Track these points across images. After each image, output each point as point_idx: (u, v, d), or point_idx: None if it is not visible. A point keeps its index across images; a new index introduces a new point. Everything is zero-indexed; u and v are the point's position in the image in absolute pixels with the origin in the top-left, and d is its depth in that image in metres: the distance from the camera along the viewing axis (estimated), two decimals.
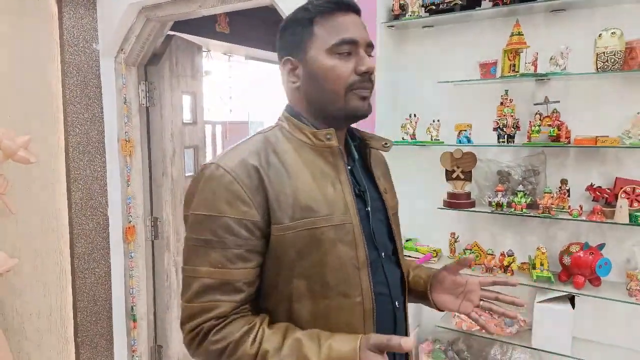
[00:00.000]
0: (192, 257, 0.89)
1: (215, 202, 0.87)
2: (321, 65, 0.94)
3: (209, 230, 0.87)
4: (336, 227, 0.90)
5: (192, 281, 0.88)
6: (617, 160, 1.69)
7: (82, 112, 2.60)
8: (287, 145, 0.95)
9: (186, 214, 0.93)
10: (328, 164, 0.95)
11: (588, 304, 1.71)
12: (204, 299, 0.86)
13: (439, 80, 1.89)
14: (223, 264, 0.86)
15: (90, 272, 2.68)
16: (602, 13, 1.66)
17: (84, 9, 2.56)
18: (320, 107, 0.97)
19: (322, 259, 0.89)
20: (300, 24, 0.96)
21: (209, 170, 0.90)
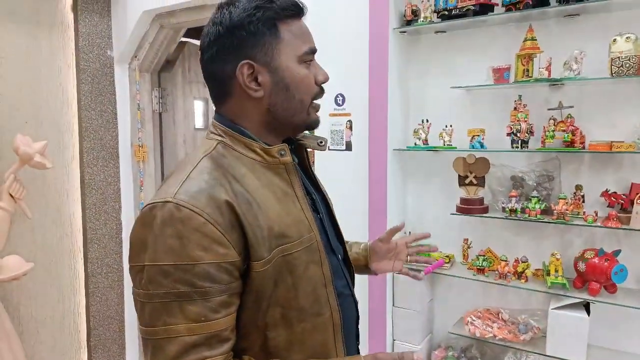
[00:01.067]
0: (161, 316, 0.74)
1: (185, 249, 0.73)
2: (294, 75, 0.86)
3: (182, 282, 0.73)
4: (306, 248, 0.86)
5: (168, 343, 0.73)
6: (632, 166, 1.67)
7: (97, 118, 2.63)
8: (240, 167, 0.83)
9: (137, 264, 0.77)
10: (284, 181, 0.88)
11: (604, 311, 1.69)
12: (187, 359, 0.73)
13: (451, 85, 1.89)
14: (207, 316, 0.74)
15: (103, 276, 2.70)
16: (616, 18, 1.65)
17: (98, 17, 2.60)
18: (284, 118, 0.88)
19: (295, 284, 0.84)
20: (262, 24, 0.83)
21: (166, 212, 0.75)
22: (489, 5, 1.77)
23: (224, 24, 0.84)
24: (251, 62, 0.83)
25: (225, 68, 0.85)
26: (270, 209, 0.82)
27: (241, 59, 0.83)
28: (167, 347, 0.74)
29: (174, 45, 2.81)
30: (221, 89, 0.88)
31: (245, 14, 0.83)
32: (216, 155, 0.84)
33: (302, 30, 0.88)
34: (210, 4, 2.38)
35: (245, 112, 0.87)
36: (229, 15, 0.83)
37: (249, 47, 0.83)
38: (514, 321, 1.84)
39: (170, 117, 2.90)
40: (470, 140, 1.84)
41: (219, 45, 0.84)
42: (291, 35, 0.85)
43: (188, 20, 2.52)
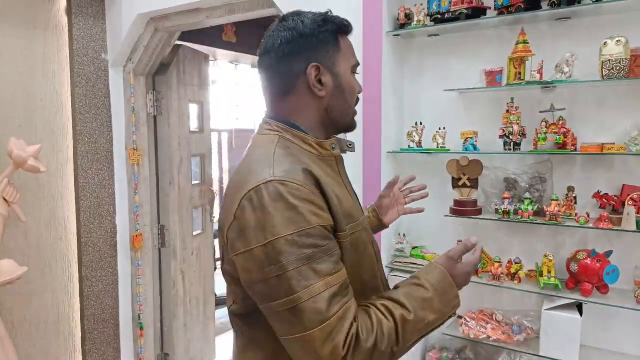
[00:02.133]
0: (300, 282, 0.81)
1: (300, 215, 0.82)
2: (348, 81, 1.00)
3: (308, 245, 0.82)
4: (364, 228, 1.00)
5: (314, 302, 0.80)
6: (624, 167, 1.68)
7: (91, 122, 2.63)
8: (304, 156, 0.94)
9: (257, 245, 0.83)
10: (334, 171, 1.00)
11: (596, 312, 1.71)
12: (335, 309, 0.81)
13: (444, 88, 1.90)
14: (335, 268, 0.85)
15: (97, 279, 2.69)
16: (607, 21, 1.67)
17: (93, 20, 2.60)
18: (337, 118, 1.01)
19: (359, 260, 0.96)
20: (329, 33, 0.97)
21: (271, 189, 0.84)
22: (482, 8, 1.79)
23: (297, 30, 0.96)
24: (319, 64, 0.96)
25: (294, 67, 0.96)
26: (335, 190, 0.94)
27: (310, 61, 0.95)
28: (315, 307, 0.81)
29: (169, 48, 2.81)
30: (285, 86, 0.98)
31: (315, 24, 0.97)
32: (282, 145, 0.94)
33: (351, 46, 1.03)
34: (204, 7, 2.39)
35: (304, 108, 0.98)
36: (301, 23, 0.97)
37: (317, 52, 0.96)
38: (508, 322, 1.85)
39: (165, 120, 2.90)
40: (463, 142, 1.85)
41: (291, 47, 0.96)
42: (346, 47, 1.01)
43: (182, 24, 2.52)
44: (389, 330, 0.85)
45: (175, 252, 3.00)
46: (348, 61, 1.00)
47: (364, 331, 0.83)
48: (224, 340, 3.69)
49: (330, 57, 0.97)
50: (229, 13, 2.35)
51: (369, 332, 0.83)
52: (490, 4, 1.78)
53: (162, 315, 3.02)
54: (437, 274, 0.94)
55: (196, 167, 3.26)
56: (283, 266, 0.81)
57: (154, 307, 2.96)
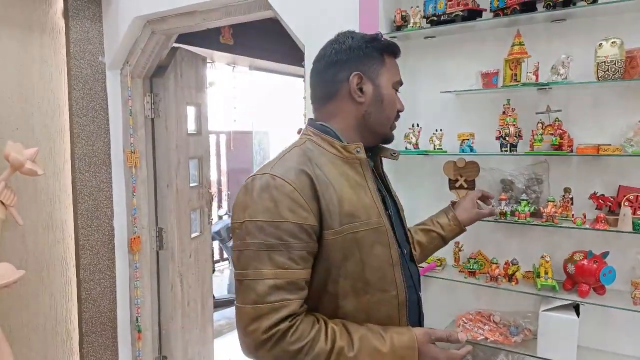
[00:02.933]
0: (253, 261, 0.93)
1: (277, 209, 0.94)
2: (389, 94, 1.12)
3: (272, 235, 0.93)
4: (373, 230, 1.04)
5: (256, 284, 0.92)
6: (620, 168, 1.69)
7: (88, 124, 2.63)
8: (322, 158, 1.05)
9: (238, 222, 0.98)
10: (358, 174, 1.07)
11: (593, 313, 1.71)
12: (272, 299, 0.91)
13: (441, 90, 1.90)
14: (289, 265, 0.93)
15: (95, 283, 2.69)
16: (602, 22, 1.67)
17: (90, 23, 2.61)
18: (373, 126, 1.11)
19: (363, 259, 1.01)
20: (375, 50, 1.10)
21: (264, 181, 0.97)
22: (477, 10, 1.79)
23: (347, 43, 1.10)
24: (362, 74, 1.08)
25: (339, 74, 1.09)
26: (343, 192, 1.02)
27: (354, 70, 1.08)
28: (255, 287, 0.92)
29: (166, 51, 2.81)
30: (328, 90, 1.11)
31: (363, 41, 1.11)
32: (304, 147, 1.07)
33: (396, 65, 1.17)
34: (201, 10, 2.39)
35: (342, 113, 1.10)
36: (351, 39, 1.11)
37: (362, 63, 1.09)
38: (505, 323, 1.86)
39: (163, 122, 2.90)
40: (460, 144, 1.85)
41: (339, 57, 1.09)
42: (390, 65, 1.14)
43: (179, 26, 2.53)
44: (319, 351, 0.92)
45: (174, 254, 3.00)
46: (391, 77, 1.12)
47: (295, 334, 0.91)
48: (222, 343, 3.68)
49: (373, 69, 1.09)
50: (226, 16, 2.36)
51: (300, 339, 0.91)
52: (486, 6, 1.79)
53: (160, 318, 3.02)
54: (406, 339, 0.99)
55: (194, 170, 3.26)
56: (247, 244, 0.95)
57: (152, 310, 2.96)
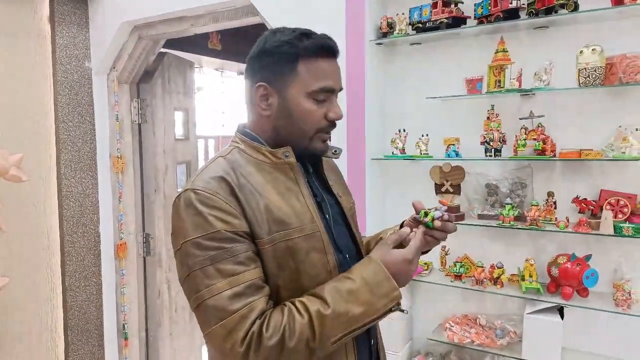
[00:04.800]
0: (203, 281, 0.88)
1: (207, 221, 0.89)
2: (299, 106, 0.98)
3: (212, 247, 0.88)
4: (307, 236, 0.97)
5: (214, 300, 0.86)
6: (601, 173, 1.72)
7: (74, 130, 2.61)
8: (248, 167, 0.99)
9: (176, 249, 0.93)
10: (289, 179, 1.01)
11: (576, 315, 1.73)
12: (236, 307, 0.86)
13: (427, 95, 1.93)
14: (239, 270, 0.88)
15: (81, 289, 2.66)
16: (583, 30, 1.71)
17: (76, 28, 2.59)
18: (288, 140, 1.01)
19: (298, 268, 0.95)
20: (285, 57, 0.97)
21: (185, 198, 0.92)
22: (462, 18, 1.82)
23: (259, 47, 1.01)
24: (266, 85, 0.99)
25: (249, 81, 1.03)
26: (270, 199, 0.96)
27: (260, 80, 0.99)
28: (215, 304, 0.86)
29: (153, 56, 2.81)
30: (246, 98, 1.05)
31: (275, 45, 0.98)
32: (230, 157, 1.01)
33: (321, 70, 0.99)
34: (189, 15, 2.40)
35: (257, 121, 1.04)
36: (264, 42, 1.01)
37: (270, 72, 0.99)
38: (491, 326, 1.88)
39: (150, 127, 2.89)
40: (446, 149, 1.87)
41: (253, 62, 1.02)
42: (307, 72, 0.98)
43: (167, 32, 2.52)
44: (301, 327, 0.86)
45: (161, 260, 2.98)
46: (305, 86, 0.97)
47: (269, 329, 0.85)
48: None
49: (280, 78, 0.98)
50: (214, 21, 2.36)
51: (275, 331, 0.85)
52: (470, 13, 1.82)
53: (147, 325, 2.99)
54: (371, 266, 0.93)
55: (182, 175, 3.25)
56: (190, 266, 0.89)
57: (139, 317, 2.93)
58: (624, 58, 1.57)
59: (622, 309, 1.58)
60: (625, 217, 1.61)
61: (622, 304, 1.58)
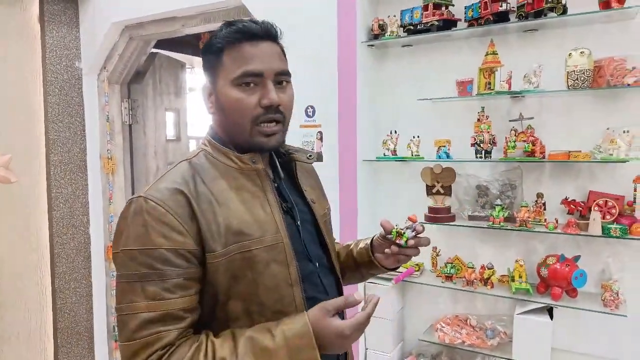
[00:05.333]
0: (127, 295, 0.84)
1: (148, 235, 0.84)
2: (227, 97, 0.92)
3: (144, 264, 0.84)
4: (268, 247, 0.91)
5: (129, 318, 0.83)
6: (590, 174, 1.74)
7: (64, 130, 2.59)
8: (213, 171, 0.94)
9: (116, 251, 0.88)
10: (256, 186, 0.96)
11: (566, 315, 1.75)
12: (145, 334, 0.82)
13: (418, 97, 1.94)
14: (162, 296, 0.83)
15: (71, 291, 2.64)
16: (572, 33, 1.73)
17: (66, 28, 2.57)
18: (230, 136, 0.97)
19: (256, 280, 0.90)
20: (212, 52, 0.94)
21: (137, 204, 0.87)
22: (452, 20, 1.83)
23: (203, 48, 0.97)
24: (208, 84, 0.97)
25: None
26: (230, 208, 0.91)
27: (206, 81, 0.97)
28: (129, 322, 0.83)
29: (144, 57, 2.79)
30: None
31: (207, 43, 0.96)
32: (194, 161, 0.96)
33: (243, 54, 0.92)
34: (180, 16, 2.39)
35: (214, 124, 1.01)
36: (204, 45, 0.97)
37: (206, 70, 0.97)
38: (482, 327, 1.89)
39: (141, 128, 2.87)
40: (437, 150, 1.88)
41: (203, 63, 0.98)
42: (230, 60, 0.92)
43: (158, 32, 2.51)
44: None
45: None
46: (229, 74, 0.92)
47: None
48: None
49: (212, 73, 0.95)
50: (205, 22, 2.36)
51: None
52: (460, 16, 1.83)
53: None
54: (298, 327, 0.84)
55: None
56: (121, 276, 0.86)
57: None
58: (612, 61, 1.59)
59: (610, 309, 1.59)
60: (613, 218, 1.63)
61: (610, 304, 1.60)
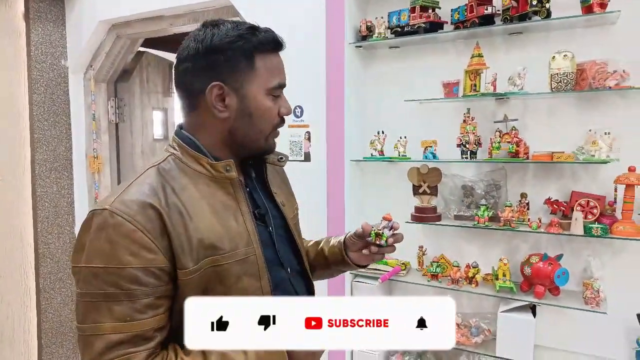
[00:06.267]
0: (91, 314, 0.79)
1: (114, 252, 0.79)
2: (260, 105, 0.91)
3: (110, 283, 0.78)
4: (240, 261, 0.89)
5: (94, 339, 0.78)
6: (572, 175, 1.78)
7: (50, 129, 2.56)
8: (183, 179, 0.89)
9: (76, 265, 0.82)
10: (228, 195, 0.92)
11: (548, 313, 1.78)
12: (112, 356, 0.78)
13: (405, 98, 1.96)
14: (132, 317, 0.79)
15: (56, 292, 2.62)
16: (556, 36, 1.76)
17: (52, 25, 2.55)
18: (243, 142, 0.94)
19: (226, 294, 0.87)
20: (240, 52, 0.89)
21: (101, 218, 0.80)
22: (439, 23, 1.86)
23: (205, 43, 0.89)
24: (222, 84, 0.89)
25: (196, 84, 0.90)
26: (202, 221, 0.86)
27: (213, 79, 0.89)
28: (94, 343, 0.78)
29: (131, 55, 2.78)
30: (189, 101, 0.94)
31: (226, 40, 0.88)
32: (163, 167, 0.90)
33: (275, 65, 0.93)
34: (168, 15, 2.38)
35: (206, 127, 0.93)
36: (211, 37, 0.89)
37: (223, 70, 0.89)
38: (466, 324, 1.91)
39: (128, 127, 2.86)
40: (423, 151, 1.91)
41: (195, 61, 0.90)
42: (264, 68, 0.91)
43: (145, 31, 2.50)
44: None
45: None
46: (264, 83, 0.91)
47: None
48: None
49: (238, 77, 0.89)
50: (193, 21, 2.35)
51: None
52: (447, 18, 1.85)
53: None
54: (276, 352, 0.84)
55: None
56: (83, 294, 0.81)
57: None
58: (594, 64, 1.63)
59: (591, 306, 1.63)
60: (595, 217, 1.66)
61: (591, 301, 1.63)
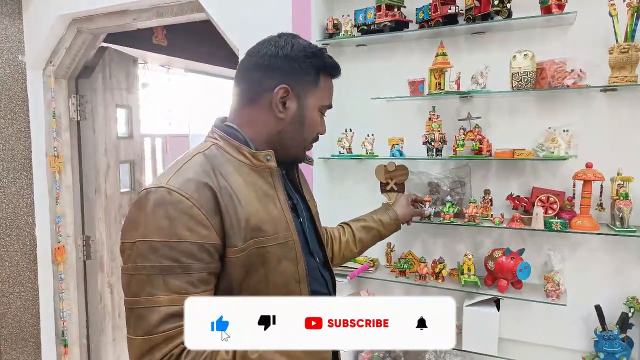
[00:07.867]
0: (145, 287, 0.83)
1: (173, 227, 0.84)
2: (312, 117, 1.04)
3: (168, 257, 0.83)
4: (281, 245, 0.96)
5: (149, 312, 0.82)
6: (533, 171, 1.83)
7: (7, 127, 2.46)
8: (228, 166, 0.95)
9: (129, 241, 0.86)
10: (267, 184, 0.99)
11: (511, 306, 1.83)
12: (167, 327, 0.82)
13: (372, 96, 1.97)
14: (187, 290, 0.83)
15: (15, 296, 2.52)
16: (516, 36, 1.80)
17: (8, 19, 2.45)
18: (287, 145, 1.03)
19: (267, 276, 0.94)
20: (313, 67, 1.01)
21: (159, 195, 0.86)
22: (404, 22, 1.87)
23: (285, 50, 1.00)
24: (289, 88, 0.99)
25: (266, 81, 0.99)
26: (249, 204, 0.93)
27: (283, 81, 0.99)
28: (149, 316, 0.82)
29: (93, 51, 2.70)
30: (251, 95, 1.02)
31: (303, 53, 1.01)
32: (209, 153, 0.97)
33: (331, 88, 1.09)
34: (132, 9, 2.32)
35: (258, 122, 1.01)
36: (291, 46, 1.00)
37: (294, 77, 1.00)
38: None
39: (90, 125, 2.77)
40: (390, 148, 1.92)
41: (271, 61, 0.99)
42: (325, 87, 1.05)
43: (108, 26, 2.43)
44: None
45: (102, 264, 2.87)
46: (320, 99, 1.04)
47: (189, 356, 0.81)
48: None
49: (303, 86, 1.01)
50: (158, 16, 2.30)
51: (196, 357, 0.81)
52: (412, 17, 1.87)
53: (88, 331, 2.87)
54: None
55: (125, 175, 3.13)
56: (138, 267, 0.84)
57: (80, 323, 2.81)
58: (553, 63, 1.67)
59: (552, 299, 1.68)
60: (555, 212, 1.72)
61: (552, 294, 1.68)
